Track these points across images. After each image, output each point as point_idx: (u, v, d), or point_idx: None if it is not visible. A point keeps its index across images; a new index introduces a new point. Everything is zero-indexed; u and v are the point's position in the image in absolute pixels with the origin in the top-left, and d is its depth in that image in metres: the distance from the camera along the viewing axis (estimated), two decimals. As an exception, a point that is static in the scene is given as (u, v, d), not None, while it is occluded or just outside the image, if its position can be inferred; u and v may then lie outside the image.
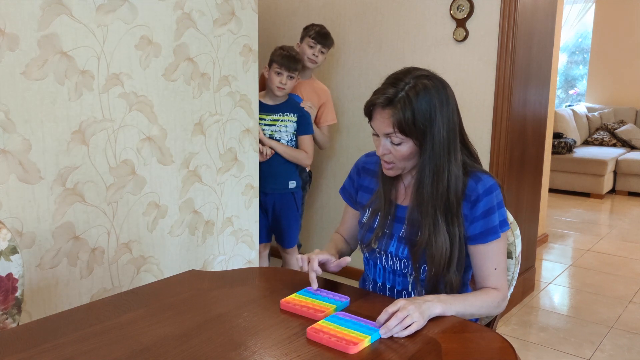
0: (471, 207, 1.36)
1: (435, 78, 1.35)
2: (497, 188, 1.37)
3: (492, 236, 1.36)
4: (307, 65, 2.98)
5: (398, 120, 1.30)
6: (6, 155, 1.66)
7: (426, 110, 1.30)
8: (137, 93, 1.99)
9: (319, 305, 1.28)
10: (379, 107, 1.33)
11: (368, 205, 1.51)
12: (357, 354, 1.10)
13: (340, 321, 1.21)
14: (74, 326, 1.19)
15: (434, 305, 1.26)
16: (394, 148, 1.35)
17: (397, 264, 1.44)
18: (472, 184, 1.37)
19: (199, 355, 1.07)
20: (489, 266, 1.38)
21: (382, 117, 1.33)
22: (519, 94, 2.87)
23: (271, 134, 2.78)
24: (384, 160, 1.39)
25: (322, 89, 3.08)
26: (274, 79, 2.71)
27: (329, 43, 2.99)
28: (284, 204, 2.86)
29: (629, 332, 2.83)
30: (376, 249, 1.47)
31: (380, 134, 1.36)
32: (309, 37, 2.96)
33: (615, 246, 4.29)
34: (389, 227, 1.45)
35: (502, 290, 1.38)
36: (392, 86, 1.32)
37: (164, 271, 2.19)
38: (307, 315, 1.24)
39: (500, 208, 1.38)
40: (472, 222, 1.37)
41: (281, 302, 1.30)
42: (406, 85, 1.31)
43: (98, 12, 1.83)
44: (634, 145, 6.54)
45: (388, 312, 1.20)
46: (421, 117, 1.30)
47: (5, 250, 1.36)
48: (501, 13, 2.75)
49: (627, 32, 6.76)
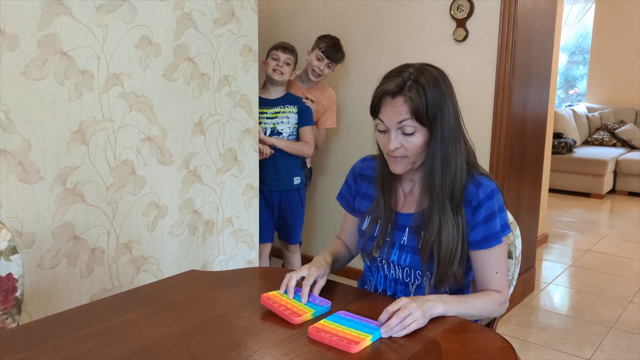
0: (472, 212, 1.34)
1: (435, 67, 1.34)
2: (497, 192, 1.35)
3: (494, 241, 1.35)
4: (311, 77, 2.96)
5: (414, 106, 1.26)
6: (6, 155, 1.66)
7: (437, 96, 1.28)
8: (137, 93, 1.99)
9: (298, 307, 1.27)
10: (388, 96, 1.28)
11: (368, 212, 1.48)
12: (358, 354, 1.10)
13: (341, 320, 1.21)
14: (73, 326, 1.19)
15: (435, 305, 1.26)
16: (406, 140, 1.30)
17: (399, 272, 1.42)
18: (473, 189, 1.34)
19: (199, 355, 1.07)
20: (490, 270, 1.37)
21: (393, 107, 1.28)
22: (519, 94, 2.87)
23: (273, 127, 2.79)
24: (394, 156, 1.33)
25: (328, 94, 3.09)
26: (271, 63, 2.76)
27: (338, 58, 2.96)
28: (289, 200, 2.88)
29: (629, 332, 2.83)
30: (377, 257, 1.44)
31: (392, 127, 1.30)
32: (319, 49, 2.93)
33: (615, 246, 4.29)
34: (390, 236, 1.42)
35: (503, 293, 1.38)
36: (398, 76, 1.29)
37: (164, 271, 2.19)
38: (284, 316, 1.24)
39: (502, 212, 1.36)
40: (474, 227, 1.35)
41: (262, 296, 1.30)
42: (411, 74, 1.28)
43: (98, 12, 1.83)
44: (634, 145, 6.54)
45: (389, 312, 1.20)
46: (433, 103, 1.27)
47: (5, 250, 1.36)
48: (501, 13, 2.75)
49: (627, 32, 6.76)
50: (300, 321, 1.22)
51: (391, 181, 1.43)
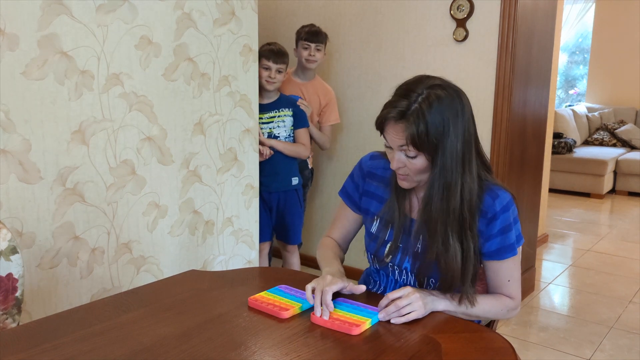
0: (487, 223, 1.32)
1: (449, 87, 1.29)
2: (513, 204, 1.33)
3: (508, 254, 1.34)
4: (307, 66, 2.99)
5: (411, 135, 1.23)
6: (6, 155, 1.66)
7: (439, 123, 1.23)
8: (137, 93, 1.99)
9: (285, 303, 1.29)
10: (391, 120, 1.26)
11: (379, 215, 1.45)
12: (357, 354, 1.10)
13: (341, 306, 1.27)
14: (74, 326, 1.19)
15: (438, 300, 1.27)
16: (409, 161, 1.29)
17: (411, 279, 1.41)
18: (489, 200, 1.32)
19: (199, 355, 1.07)
20: (502, 278, 1.36)
21: (394, 131, 1.27)
22: (519, 94, 2.87)
23: (270, 132, 2.79)
24: (399, 173, 1.33)
25: (325, 89, 3.09)
26: (262, 74, 2.72)
27: (321, 39, 3.00)
28: (287, 201, 2.88)
29: (629, 332, 2.83)
30: (390, 263, 1.43)
31: (395, 147, 1.29)
32: (301, 39, 2.98)
33: (615, 246, 4.29)
34: (404, 242, 1.40)
35: (515, 300, 1.37)
36: (404, 98, 1.25)
37: (164, 271, 2.19)
38: (272, 313, 1.26)
39: (516, 223, 1.35)
40: (489, 239, 1.33)
41: (249, 299, 1.31)
42: (419, 96, 1.24)
43: (98, 12, 1.83)
44: (634, 145, 6.54)
45: (389, 298, 1.24)
46: (434, 130, 1.23)
47: (5, 250, 1.36)
48: (501, 13, 2.75)
49: (627, 32, 6.76)
50: (289, 315, 1.25)
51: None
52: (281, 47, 2.81)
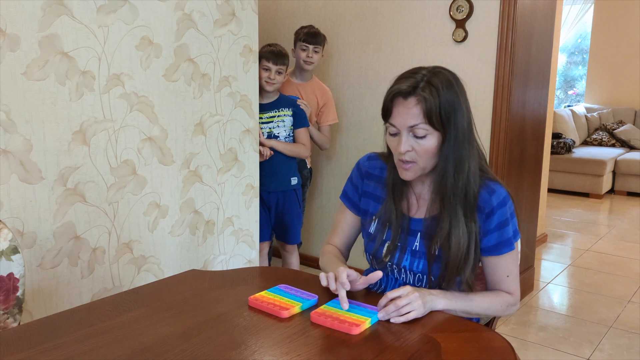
0: (485, 219, 1.33)
1: (449, 70, 1.32)
2: (509, 199, 1.35)
3: (506, 249, 1.35)
4: (304, 67, 3.00)
5: (427, 107, 1.23)
6: (7, 156, 1.66)
7: (451, 98, 1.26)
8: (138, 93, 1.99)
9: (285, 302, 1.29)
10: (401, 97, 1.26)
11: (377, 216, 1.45)
12: (357, 353, 1.10)
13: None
14: (74, 326, 1.20)
15: (437, 299, 1.27)
16: (417, 143, 1.28)
17: (411, 277, 1.41)
18: (486, 196, 1.33)
19: (199, 355, 1.08)
20: (500, 274, 1.37)
21: (406, 108, 1.25)
22: (518, 94, 2.88)
23: (270, 132, 2.80)
24: (404, 160, 1.31)
25: (322, 90, 3.10)
26: (262, 75, 2.73)
27: (319, 41, 3.01)
28: (286, 201, 2.89)
29: (627, 332, 2.84)
30: (388, 263, 1.43)
31: (403, 129, 1.27)
32: (300, 40, 2.99)
33: (614, 246, 4.30)
34: (402, 241, 1.40)
35: (514, 295, 1.38)
36: (411, 77, 1.27)
37: (165, 271, 2.19)
38: (272, 312, 1.26)
39: (513, 218, 1.36)
40: (486, 234, 1.34)
41: (249, 298, 1.32)
42: (425, 75, 1.26)
43: (99, 13, 1.84)
44: (633, 146, 6.55)
45: (388, 297, 1.24)
46: (447, 104, 1.25)
47: (7, 250, 1.37)
48: (500, 14, 2.76)
49: (627, 32, 6.77)
50: (289, 314, 1.25)
51: (402, 186, 1.40)
52: (281, 48, 2.81)
